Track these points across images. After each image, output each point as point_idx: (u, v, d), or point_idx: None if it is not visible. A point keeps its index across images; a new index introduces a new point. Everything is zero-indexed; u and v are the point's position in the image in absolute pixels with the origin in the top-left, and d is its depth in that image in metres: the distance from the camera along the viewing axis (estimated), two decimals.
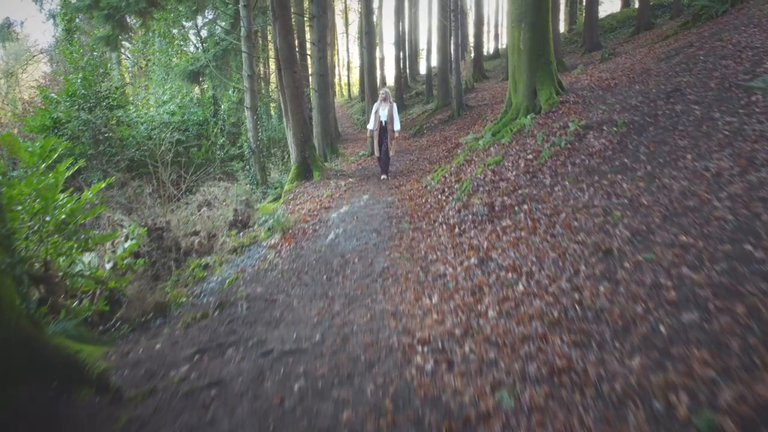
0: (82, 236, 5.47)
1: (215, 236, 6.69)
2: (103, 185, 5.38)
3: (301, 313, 3.29)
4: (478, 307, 2.97)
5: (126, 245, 5.86)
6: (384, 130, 7.50)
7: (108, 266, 6.00)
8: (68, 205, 5.01)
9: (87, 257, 5.86)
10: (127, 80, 23.80)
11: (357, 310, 3.22)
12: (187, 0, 9.05)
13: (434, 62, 25.00)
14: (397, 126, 7.56)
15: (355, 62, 41.04)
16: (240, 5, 9.59)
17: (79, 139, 10.38)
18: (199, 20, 15.64)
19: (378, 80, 26.67)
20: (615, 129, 4.55)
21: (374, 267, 3.89)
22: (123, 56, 20.45)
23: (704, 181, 3.22)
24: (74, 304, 4.89)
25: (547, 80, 6.18)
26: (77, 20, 16.10)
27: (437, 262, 3.77)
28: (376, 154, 7.73)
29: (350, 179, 7.66)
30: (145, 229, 6.33)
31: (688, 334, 2.11)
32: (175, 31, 15.88)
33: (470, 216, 4.39)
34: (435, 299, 3.20)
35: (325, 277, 3.86)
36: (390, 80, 39.22)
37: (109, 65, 13.86)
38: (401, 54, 22.50)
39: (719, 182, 3.13)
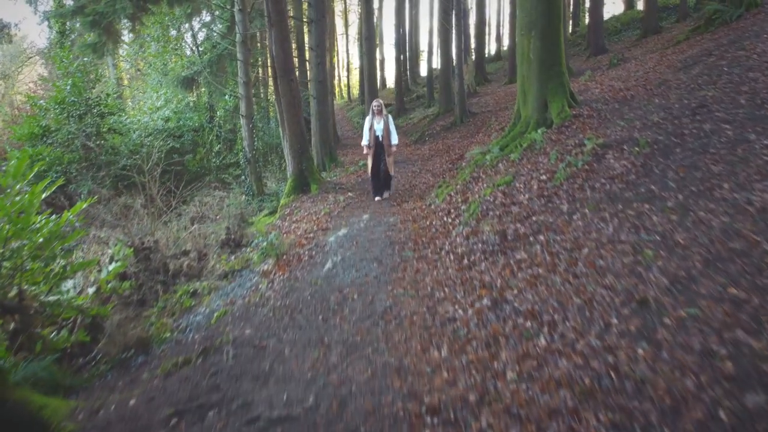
0: (60, 262, 5.11)
1: (206, 255, 6.33)
2: (85, 205, 5.03)
3: (293, 366, 2.93)
4: (495, 364, 2.60)
5: (110, 267, 5.51)
6: (380, 145, 6.86)
7: (91, 290, 5.65)
8: (45, 229, 4.65)
9: (68, 283, 5.51)
10: (125, 82, 23.45)
11: (356, 363, 2.85)
12: (180, 3, 8.68)
13: (435, 64, 24.66)
14: (394, 140, 6.95)
15: (355, 63, 40.68)
16: (235, 9, 9.23)
17: (68, 148, 10.02)
18: (195, 23, 15.28)
19: (378, 83, 26.31)
20: (637, 149, 4.19)
21: (375, 306, 3.52)
22: (120, 58, 20.09)
23: (748, 218, 2.85)
24: (52, 334, 4.52)
25: (558, 92, 5.81)
26: (74, 22, 15.72)
27: (445, 302, 3.40)
28: (369, 172, 7.08)
29: (349, 194, 7.29)
30: (132, 249, 5.97)
31: (755, 425, 1.75)
32: (174, 32, 15.49)
33: (480, 245, 4.02)
34: (444, 351, 2.83)
35: (320, 317, 3.49)
36: (390, 82, 38.90)
37: (100, 71, 13.47)
38: (401, 56, 22.14)
39: (767, 220, 2.76)
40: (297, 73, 16.16)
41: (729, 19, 9.23)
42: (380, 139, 6.87)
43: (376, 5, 28.06)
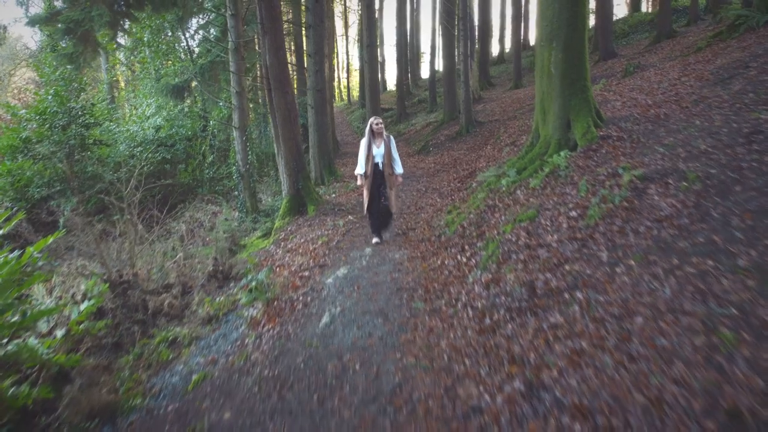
0: (20, 307, 4.52)
1: (191, 289, 5.74)
2: (51, 239, 4.46)
3: None
4: None
5: (83, 307, 4.93)
6: (380, 175, 5.55)
7: (60, 333, 5.07)
8: (4, 270, 4.08)
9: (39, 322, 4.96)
10: (121, 85, 22.83)
11: None
12: (167, 8, 8.08)
13: (437, 65, 24.02)
14: (398, 169, 5.60)
15: (355, 65, 40.08)
16: (227, 14, 8.63)
17: (50, 161, 9.41)
18: (189, 27, 14.65)
19: (379, 86, 25.74)
20: (686, 185, 3.59)
21: (382, 382, 2.92)
22: (115, 61, 19.48)
23: None
24: (12, 389, 3.93)
25: (583, 110, 5.21)
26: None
27: (466, 380, 2.80)
28: (365, 211, 5.69)
29: (350, 217, 6.68)
30: (107, 285, 5.38)
31: None
32: (170, 34, 14.88)
33: (503, 298, 3.42)
34: None
35: (315, 397, 2.89)
36: (391, 84, 38.36)
37: (88, 77, 12.86)
38: (402, 58, 21.56)
39: None
40: (295, 80, 15.55)
41: (755, 24, 8.64)
42: (380, 166, 5.56)
43: (376, 6, 27.47)
